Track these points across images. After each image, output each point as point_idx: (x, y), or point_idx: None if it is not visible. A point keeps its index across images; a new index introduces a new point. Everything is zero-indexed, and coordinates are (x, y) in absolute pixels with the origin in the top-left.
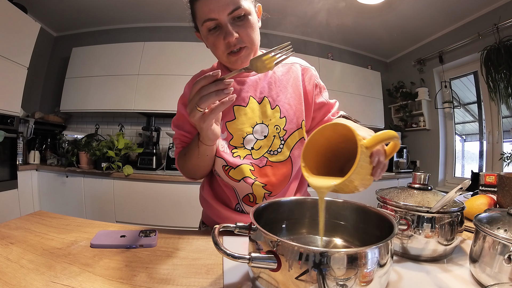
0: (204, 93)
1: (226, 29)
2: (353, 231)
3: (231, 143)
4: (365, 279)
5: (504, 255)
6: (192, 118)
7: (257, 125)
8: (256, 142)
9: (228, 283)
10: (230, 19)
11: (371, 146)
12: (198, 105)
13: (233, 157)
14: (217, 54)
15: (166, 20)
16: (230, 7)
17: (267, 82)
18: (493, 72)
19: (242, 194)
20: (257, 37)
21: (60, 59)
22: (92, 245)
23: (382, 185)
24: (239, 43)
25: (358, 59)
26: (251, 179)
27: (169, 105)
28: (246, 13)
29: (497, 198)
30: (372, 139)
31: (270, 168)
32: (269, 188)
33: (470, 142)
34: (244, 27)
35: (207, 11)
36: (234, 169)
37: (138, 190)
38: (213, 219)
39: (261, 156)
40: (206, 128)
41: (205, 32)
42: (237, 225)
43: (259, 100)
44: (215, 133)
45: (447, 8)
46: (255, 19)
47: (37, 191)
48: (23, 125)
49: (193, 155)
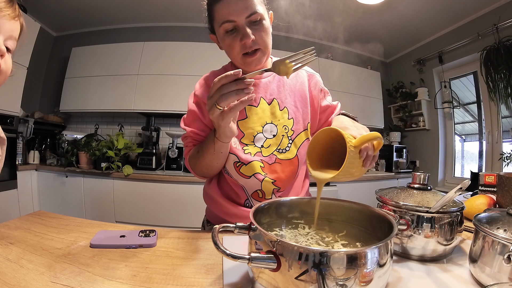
0: (224, 91)
1: (244, 31)
2: (353, 231)
3: (242, 140)
4: (365, 279)
5: (503, 255)
6: (211, 116)
7: (267, 124)
8: (265, 141)
9: (228, 283)
10: (247, 22)
11: (359, 145)
12: (218, 103)
13: (245, 153)
14: (232, 55)
15: (166, 20)
16: (248, 11)
17: (277, 85)
18: (492, 72)
19: (251, 191)
20: (270, 41)
21: (59, 59)
22: (92, 245)
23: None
24: (255, 45)
25: (358, 59)
26: (261, 175)
27: (169, 105)
28: (261, 18)
29: (497, 198)
30: (359, 139)
31: (279, 165)
32: (278, 184)
33: (470, 142)
34: (259, 30)
35: (226, 13)
36: (245, 165)
37: (137, 190)
38: (220, 216)
39: (271, 153)
40: (224, 125)
41: (222, 33)
42: (237, 225)
43: (269, 101)
44: (232, 131)
45: (446, 8)
46: (269, 24)
47: (36, 191)
48: (23, 125)
49: (207, 152)
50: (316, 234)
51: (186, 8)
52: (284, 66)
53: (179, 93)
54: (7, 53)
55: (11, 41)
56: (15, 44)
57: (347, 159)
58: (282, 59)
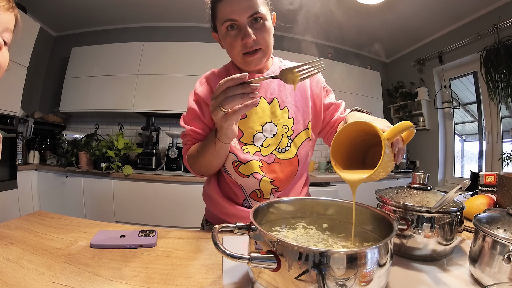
0: (230, 94)
1: (245, 31)
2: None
3: (241, 140)
4: (365, 279)
5: (503, 255)
6: (215, 117)
7: (266, 124)
8: (265, 140)
9: (228, 283)
10: (249, 22)
11: (391, 137)
12: (222, 105)
13: (244, 153)
14: (233, 54)
15: (166, 20)
16: (250, 11)
17: (277, 84)
18: (492, 72)
19: (249, 190)
20: (271, 41)
21: (59, 59)
22: (92, 245)
23: (381, 185)
24: (256, 45)
25: (358, 59)
26: (259, 175)
27: (168, 105)
28: (263, 18)
29: (497, 198)
30: (391, 131)
31: (278, 165)
32: (277, 184)
33: (470, 142)
34: (261, 30)
35: (228, 12)
36: (244, 164)
37: (137, 190)
38: (218, 216)
39: (270, 153)
40: (226, 127)
41: (224, 31)
42: (237, 225)
43: (269, 100)
44: (234, 132)
45: (446, 8)
46: (271, 25)
47: (36, 191)
48: (23, 125)
49: (208, 152)
50: (316, 234)
51: (186, 8)
52: (292, 75)
53: (179, 93)
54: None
55: (7, 34)
56: (11, 37)
57: (384, 153)
58: (290, 68)
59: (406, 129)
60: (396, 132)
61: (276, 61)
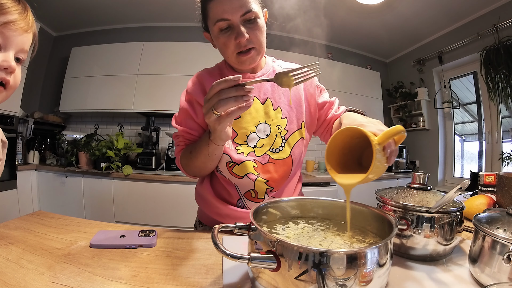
0: (223, 96)
1: (238, 30)
2: (352, 231)
3: (235, 140)
4: (365, 279)
5: (503, 255)
6: (208, 119)
7: (260, 124)
8: (259, 140)
9: (228, 283)
10: (242, 21)
11: (383, 142)
12: (216, 108)
13: (237, 153)
14: (226, 54)
15: (166, 20)
16: (242, 10)
17: (270, 85)
18: (492, 72)
19: (243, 191)
20: (264, 40)
21: (59, 59)
22: (92, 245)
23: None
24: (249, 44)
25: (358, 59)
26: (254, 175)
27: (168, 105)
28: (256, 16)
29: (496, 198)
30: (383, 135)
31: (272, 165)
32: (271, 184)
33: (470, 142)
34: (253, 29)
35: (220, 12)
36: (238, 165)
37: (137, 190)
38: (212, 217)
39: (264, 153)
40: (220, 129)
41: (216, 32)
42: (237, 225)
43: (263, 101)
44: (227, 134)
45: (446, 8)
46: (263, 23)
47: (36, 191)
48: (23, 125)
49: (201, 154)
50: (317, 234)
51: (186, 8)
52: (287, 79)
53: (179, 93)
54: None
55: (22, 54)
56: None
57: (375, 158)
58: (286, 72)
59: (397, 133)
60: (388, 137)
61: (269, 61)
